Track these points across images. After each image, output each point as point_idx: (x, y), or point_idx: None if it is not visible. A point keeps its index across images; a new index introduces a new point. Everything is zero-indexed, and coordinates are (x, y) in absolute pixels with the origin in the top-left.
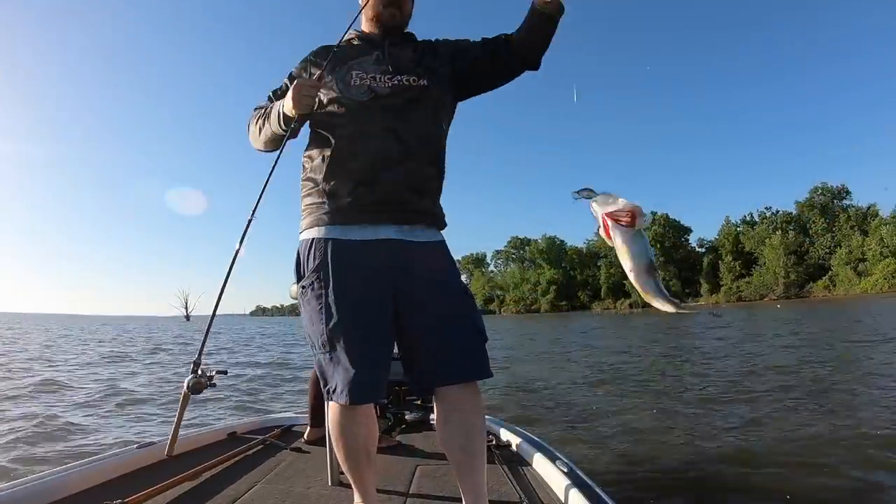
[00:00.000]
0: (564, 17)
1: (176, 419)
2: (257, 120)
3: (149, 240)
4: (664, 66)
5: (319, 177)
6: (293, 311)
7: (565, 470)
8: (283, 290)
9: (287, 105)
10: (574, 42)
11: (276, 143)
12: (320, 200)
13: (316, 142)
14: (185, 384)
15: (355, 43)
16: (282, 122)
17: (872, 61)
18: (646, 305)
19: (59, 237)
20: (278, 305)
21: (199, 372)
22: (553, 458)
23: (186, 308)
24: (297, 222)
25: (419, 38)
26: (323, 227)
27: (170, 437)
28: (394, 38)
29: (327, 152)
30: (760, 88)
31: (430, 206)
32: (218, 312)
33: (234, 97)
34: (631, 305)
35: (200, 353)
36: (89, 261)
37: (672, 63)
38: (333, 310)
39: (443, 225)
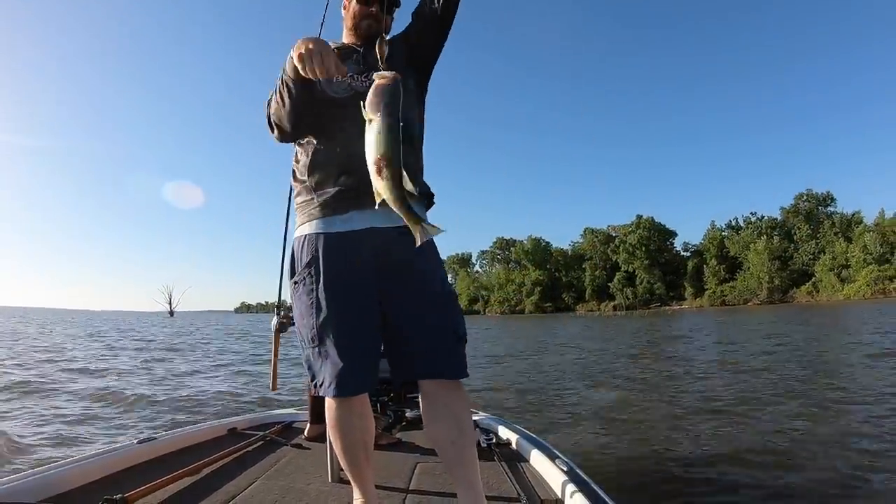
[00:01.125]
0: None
1: (272, 358)
2: (276, 90)
3: (132, 233)
4: (657, 66)
5: (306, 174)
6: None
7: (564, 468)
8: (267, 288)
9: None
10: (567, 42)
11: (296, 103)
12: (309, 197)
13: (302, 145)
14: (272, 326)
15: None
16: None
17: (868, 64)
18: (630, 308)
19: (41, 226)
20: (263, 303)
21: (282, 314)
22: (552, 457)
23: (170, 304)
24: (280, 223)
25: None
26: (314, 222)
27: (271, 374)
28: (371, 45)
29: (311, 150)
30: (750, 92)
31: (411, 181)
32: (202, 309)
33: (238, 91)
34: (615, 308)
35: (279, 298)
36: (72, 254)
37: (664, 63)
38: (323, 304)
39: (428, 198)
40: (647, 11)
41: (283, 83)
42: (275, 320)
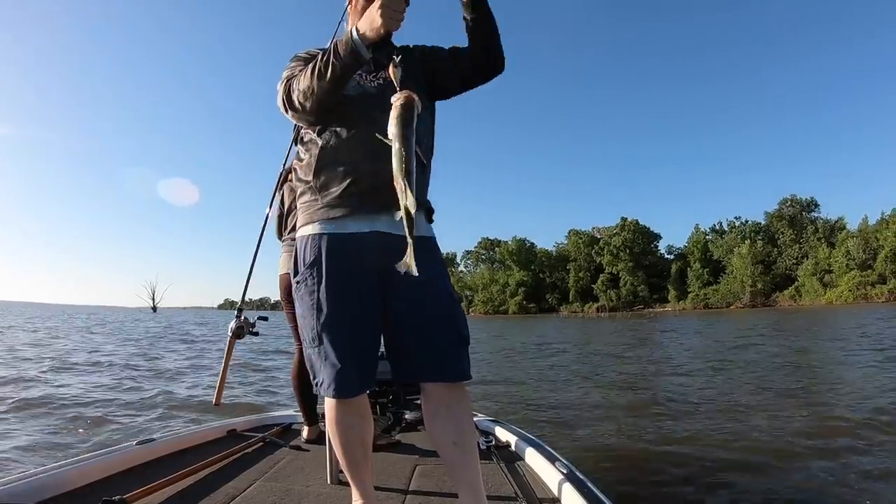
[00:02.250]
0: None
1: (222, 366)
2: (313, 68)
3: (116, 227)
4: (646, 68)
5: (311, 175)
6: (261, 305)
7: (563, 469)
8: (253, 285)
9: (366, 24)
10: (554, 42)
11: (335, 86)
12: (313, 198)
13: (305, 144)
14: (229, 330)
15: None
16: (358, 48)
17: (863, 65)
18: (613, 309)
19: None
20: (247, 300)
21: (242, 318)
22: (551, 458)
23: (153, 299)
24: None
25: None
26: (317, 223)
27: (217, 385)
28: (379, 45)
29: (315, 151)
30: (738, 97)
31: (416, 196)
32: (186, 305)
33: (232, 92)
34: (598, 309)
35: (242, 300)
36: (51, 245)
37: (653, 65)
38: (324, 306)
39: (428, 213)
40: (636, 15)
41: (328, 64)
42: (233, 324)
